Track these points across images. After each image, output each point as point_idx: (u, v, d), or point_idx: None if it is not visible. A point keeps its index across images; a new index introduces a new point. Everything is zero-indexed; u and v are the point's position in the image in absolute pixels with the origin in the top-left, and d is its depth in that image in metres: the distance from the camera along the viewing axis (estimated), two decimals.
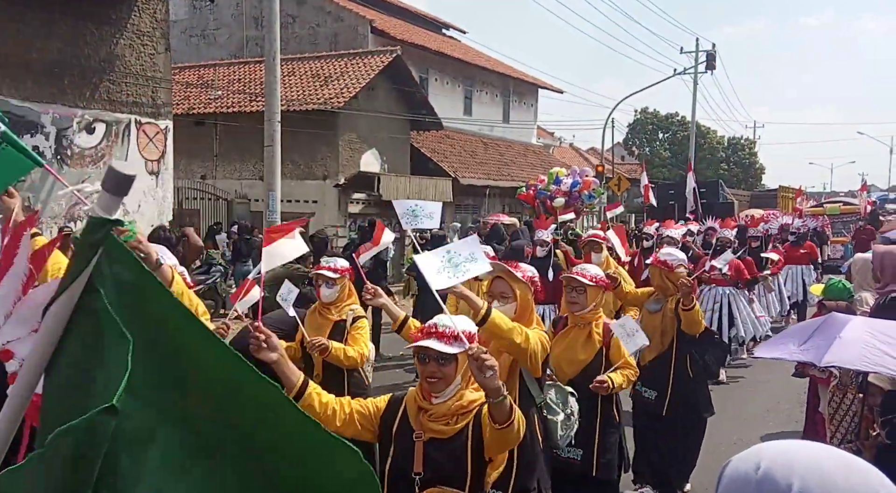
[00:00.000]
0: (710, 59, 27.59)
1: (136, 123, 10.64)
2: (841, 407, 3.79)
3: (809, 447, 0.89)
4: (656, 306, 4.62)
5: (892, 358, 2.70)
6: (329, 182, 16.17)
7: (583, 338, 3.70)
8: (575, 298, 3.70)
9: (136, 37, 10.57)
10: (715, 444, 5.61)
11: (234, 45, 20.96)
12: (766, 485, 0.84)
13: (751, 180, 44.62)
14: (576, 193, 12.87)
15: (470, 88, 23.48)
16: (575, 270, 3.84)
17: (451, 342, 2.18)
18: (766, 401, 7.12)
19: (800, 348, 3.09)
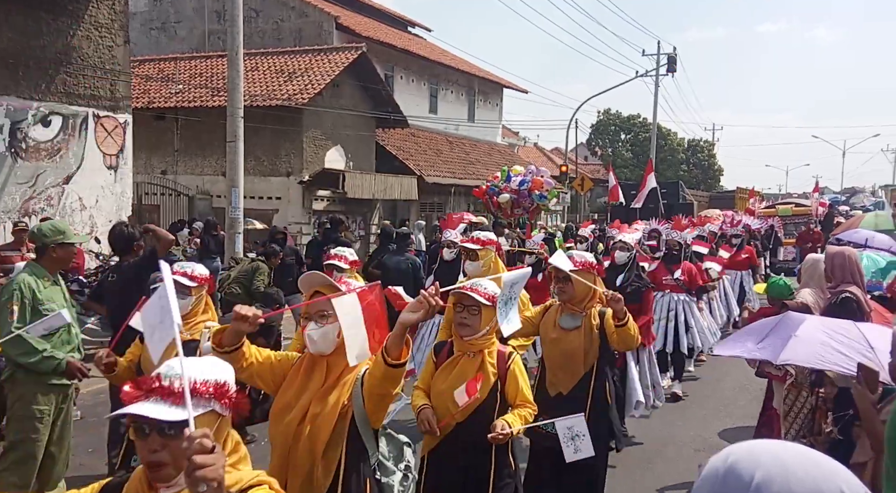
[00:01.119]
0: (671, 62, 28.14)
1: (94, 116, 10.41)
2: (796, 404, 3.88)
3: (776, 445, 0.95)
4: (573, 321, 3.72)
5: (845, 356, 2.79)
6: (293, 179, 16.04)
7: (473, 370, 2.94)
8: (466, 319, 2.94)
9: (94, 28, 10.34)
10: (674, 439, 5.81)
11: (196, 38, 20.61)
12: (730, 476, 0.91)
13: (709, 182, 45.64)
14: (524, 192, 12.67)
15: (435, 87, 23.53)
16: (469, 284, 3.03)
17: (180, 403, 1.44)
18: (724, 397, 7.26)
19: (757, 345, 3.16)
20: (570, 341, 3.69)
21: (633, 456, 5.37)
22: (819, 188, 19.09)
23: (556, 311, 3.81)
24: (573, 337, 3.69)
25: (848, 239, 7.05)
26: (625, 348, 3.94)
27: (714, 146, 48.23)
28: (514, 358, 3.01)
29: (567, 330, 3.71)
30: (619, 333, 3.62)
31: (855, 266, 3.94)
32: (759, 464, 0.90)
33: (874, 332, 2.96)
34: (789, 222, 17.07)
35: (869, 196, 33.17)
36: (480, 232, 4.62)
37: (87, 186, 10.30)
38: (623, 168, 40.28)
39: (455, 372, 2.97)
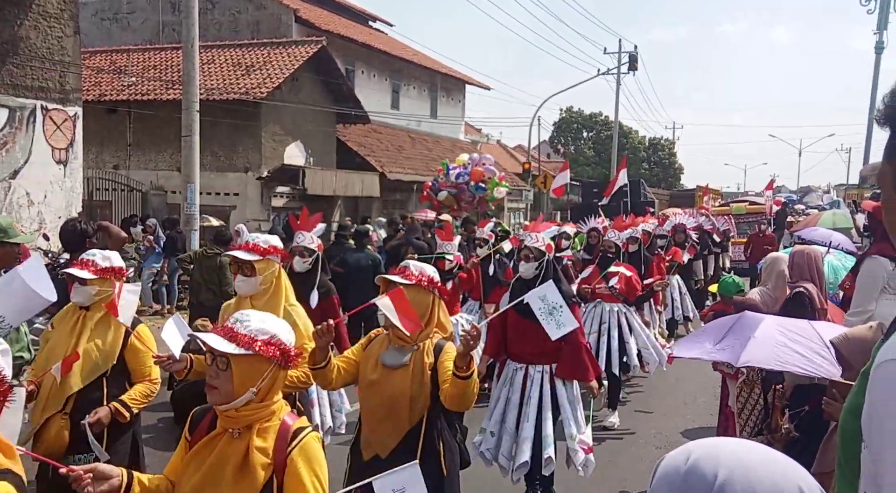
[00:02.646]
0: (632, 61, 28.51)
1: (43, 109, 10.06)
2: (749, 402, 3.93)
3: (735, 443, 0.95)
4: (400, 357, 2.79)
5: (802, 356, 2.83)
6: (251, 175, 15.79)
7: (236, 457, 1.88)
8: (212, 378, 1.87)
9: (42, 18, 9.98)
10: (636, 437, 5.85)
11: (150, 30, 20.10)
12: (692, 475, 0.90)
13: (670, 180, 46.44)
14: (462, 185, 12.36)
15: (397, 82, 23.42)
16: (217, 327, 2.08)
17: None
18: (684, 395, 7.27)
19: (716, 347, 3.19)
20: (394, 384, 2.73)
21: (596, 455, 5.36)
22: (773, 186, 18.63)
23: (381, 343, 2.88)
24: (398, 379, 2.74)
25: (809, 238, 7.05)
26: (455, 408, 2.73)
27: (675, 145, 49.10)
28: (303, 440, 1.89)
29: (391, 369, 2.76)
30: (454, 385, 2.57)
31: (814, 264, 3.97)
32: (720, 463, 0.90)
33: (829, 331, 3.00)
34: (743, 221, 16.57)
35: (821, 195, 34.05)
36: (259, 236, 3.41)
37: (36, 181, 9.95)
38: (585, 166, 40.80)
39: (210, 461, 1.89)
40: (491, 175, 12.19)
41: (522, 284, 4.23)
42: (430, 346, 2.83)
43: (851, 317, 3.82)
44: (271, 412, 1.92)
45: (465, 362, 2.55)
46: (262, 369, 1.88)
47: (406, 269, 2.85)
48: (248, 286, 3.28)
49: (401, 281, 2.77)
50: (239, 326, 1.88)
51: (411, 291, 2.76)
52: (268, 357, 1.87)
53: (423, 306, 2.82)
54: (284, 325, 1.99)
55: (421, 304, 2.80)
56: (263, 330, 1.89)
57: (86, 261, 3.18)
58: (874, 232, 4.58)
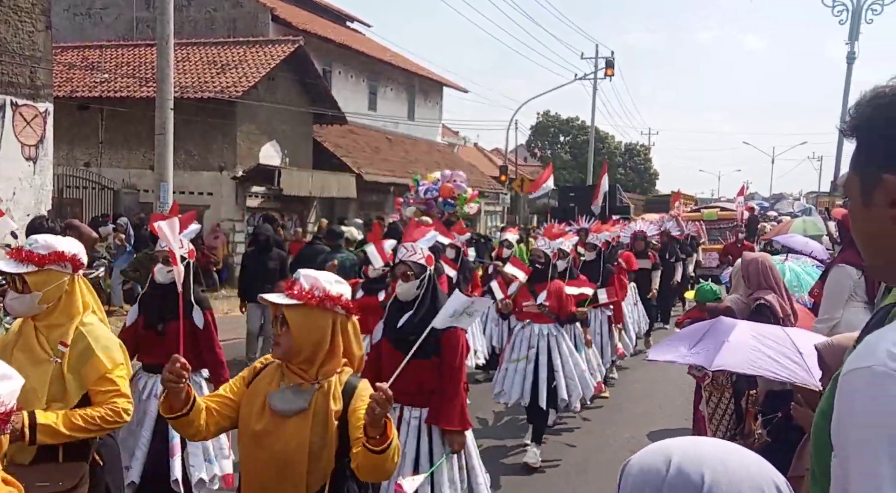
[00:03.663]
0: (608, 66, 28.78)
1: (13, 104, 9.86)
2: (719, 406, 3.94)
3: (714, 443, 0.95)
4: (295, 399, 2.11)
5: (775, 362, 2.84)
6: (226, 174, 15.63)
7: None
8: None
9: (12, 12, 9.79)
10: (608, 441, 5.82)
11: (123, 26, 19.80)
12: (678, 480, 0.88)
13: (645, 185, 46.94)
14: (431, 201, 12.33)
15: (375, 83, 23.38)
16: None
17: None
18: (658, 398, 7.25)
19: (690, 350, 3.18)
20: (288, 436, 2.06)
21: (567, 460, 5.38)
22: (744, 192, 18.29)
23: (270, 379, 2.17)
24: (293, 429, 2.06)
25: (785, 243, 7.04)
26: (369, 480, 2.17)
27: (650, 150, 49.68)
28: None
29: (283, 416, 2.08)
30: (365, 457, 1.99)
31: (769, 272, 3.93)
32: (704, 464, 0.89)
33: (802, 337, 3.02)
34: (714, 227, 16.33)
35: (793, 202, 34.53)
36: (39, 238, 2.60)
37: (5, 178, 9.76)
38: (562, 170, 41.06)
39: None
40: (461, 192, 12.13)
41: (398, 307, 3.43)
42: (337, 385, 2.13)
43: (819, 324, 3.87)
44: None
45: (377, 431, 1.92)
46: None
47: (294, 283, 2.14)
48: (21, 306, 2.49)
49: (282, 301, 2.08)
50: None
51: (298, 313, 2.07)
52: None
53: (318, 332, 2.08)
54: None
55: (314, 329, 2.08)
56: None
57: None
58: (843, 240, 4.64)
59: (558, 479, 4.97)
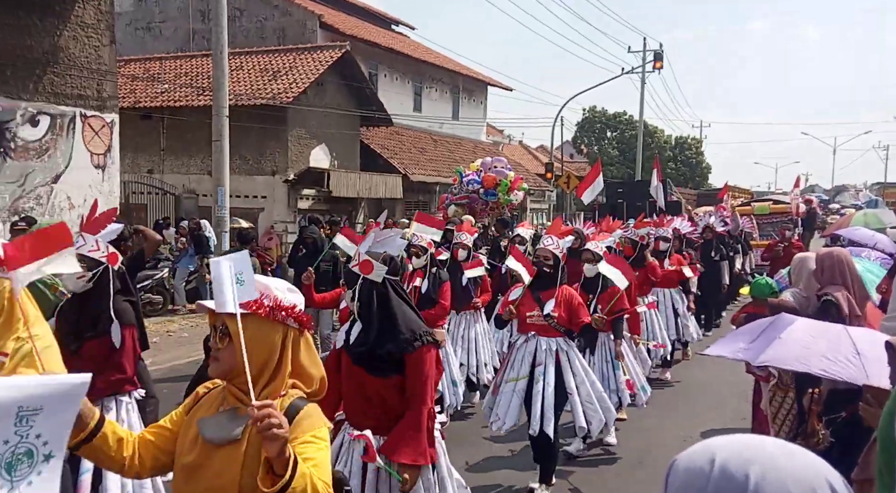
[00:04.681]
0: (657, 59, 28.29)
1: (82, 116, 10.55)
2: (783, 407, 3.88)
3: (761, 440, 0.91)
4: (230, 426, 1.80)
5: (829, 361, 2.69)
6: (278, 177, 16.23)
7: None
8: None
9: (80, 29, 10.48)
10: (663, 441, 5.64)
11: (180, 38, 20.71)
12: (722, 478, 0.85)
13: (697, 180, 45.82)
14: (474, 195, 12.17)
15: (419, 85, 23.75)
16: None
17: None
18: (714, 397, 7.05)
19: (744, 346, 3.10)
20: (217, 469, 1.76)
21: (619, 459, 5.28)
22: (800, 183, 17.01)
23: (213, 402, 1.90)
24: (223, 462, 1.76)
25: (849, 237, 6.70)
26: None
27: (702, 144, 48.51)
28: None
29: (215, 445, 1.78)
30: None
31: (846, 268, 3.76)
32: (749, 462, 0.86)
33: (865, 338, 2.84)
34: (766, 222, 15.24)
35: (854, 194, 33.04)
36: None
37: (76, 185, 10.44)
38: (609, 166, 40.59)
39: None
40: (503, 178, 12.04)
41: None
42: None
43: (887, 321, 3.60)
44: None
45: (280, 462, 1.57)
46: None
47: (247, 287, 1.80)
48: None
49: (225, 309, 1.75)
50: None
51: (248, 323, 1.74)
52: None
53: (266, 347, 1.79)
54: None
55: (261, 343, 1.77)
56: None
57: None
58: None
59: (608, 477, 4.92)
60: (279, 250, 15.71)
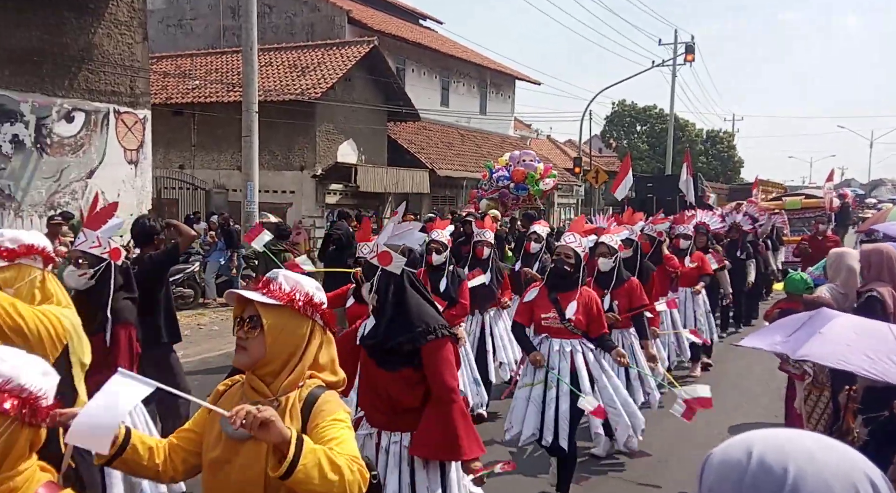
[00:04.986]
0: (688, 51, 27.85)
1: (115, 112, 10.74)
2: (818, 405, 3.82)
3: (798, 434, 0.89)
4: None
5: (870, 360, 2.62)
6: (306, 173, 16.35)
7: None
8: None
9: (113, 26, 10.67)
10: (693, 437, 5.54)
11: (211, 34, 20.96)
12: (761, 471, 0.84)
13: (729, 174, 45.14)
14: (504, 190, 12.17)
15: (447, 79, 23.71)
16: None
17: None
18: (745, 394, 6.94)
19: (782, 340, 3.04)
20: (242, 463, 1.77)
21: (646, 457, 5.21)
22: (833, 177, 16.22)
23: (234, 398, 1.90)
24: (247, 456, 1.77)
25: (886, 232, 6.54)
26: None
27: (734, 137, 47.72)
28: None
29: (238, 440, 1.77)
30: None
31: (893, 263, 3.70)
32: (789, 456, 0.84)
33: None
34: (797, 217, 14.75)
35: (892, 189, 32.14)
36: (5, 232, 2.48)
37: (109, 180, 10.64)
38: (639, 160, 40.13)
39: None
40: (532, 170, 12.03)
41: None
42: (296, 401, 1.80)
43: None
44: (9, 489, 1.41)
45: (284, 445, 1.57)
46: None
47: (271, 281, 1.86)
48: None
49: (262, 299, 1.80)
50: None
51: (277, 315, 1.80)
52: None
53: (294, 340, 1.82)
54: (33, 364, 1.47)
55: (292, 335, 1.81)
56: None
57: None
58: None
59: (637, 473, 4.87)
60: (307, 244, 15.83)
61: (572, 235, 4.33)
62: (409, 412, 2.75)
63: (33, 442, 1.44)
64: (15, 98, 9.37)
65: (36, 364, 1.47)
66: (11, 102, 9.33)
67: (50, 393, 1.45)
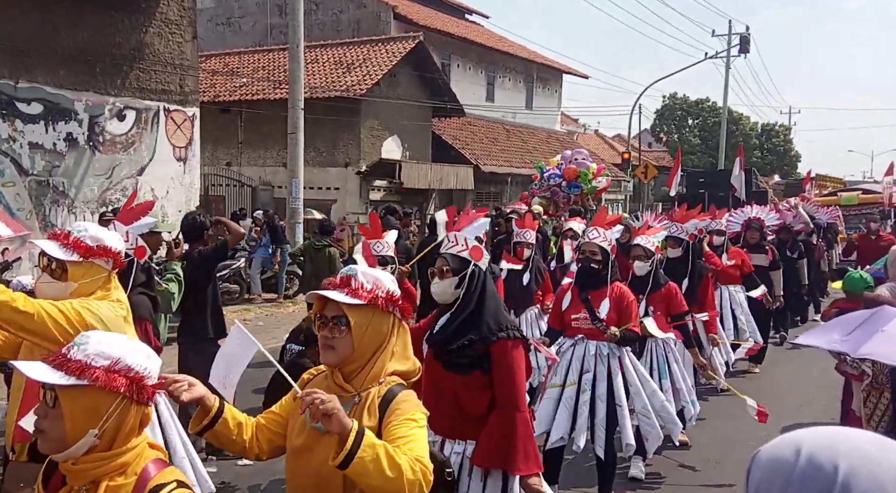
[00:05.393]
0: (743, 43, 27.11)
1: (165, 110, 10.92)
2: (878, 407, 3.69)
3: (849, 431, 0.86)
4: None
5: None
6: (351, 169, 16.40)
7: None
8: (41, 420, 1.55)
9: (164, 25, 10.83)
10: (745, 439, 5.41)
11: (259, 32, 21.24)
12: (810, 470, 0.80)
13: (786, 168, 43.76)
14: (555, 188, 12.11)
15: (492, 74, 23.48)
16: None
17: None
18: (799, 396, 6.76)
19: (841, 338, 2.94)
20: (323, 455, 1.76)
21: (701, 454, 5.14)
22: (892, 170, 15.23)
23: (318, 387, 1.89)
24: (330, 446, 1.71)
25: None
26: None
27: (790, 131, 46.23)
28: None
29: (319, 432, 1.81)
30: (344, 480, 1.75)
31: None
32: (839, 454, 0.81)
33: None
34: (854, 213, 14.01)
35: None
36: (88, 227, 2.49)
37: (159, 177, 10.83)
38: (690, 155, 39.17)
39: None
40: (584, 168, 11.91)
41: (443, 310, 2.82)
42: (375, 397, 1.86)
43: None
44: (122, 464, 1.50)
45: (343, 436, 1.61)
46: (104, 404, 1.45)
47: (351, 279, 1.87)
48: (51, 290, 2.38)
49: (347, 300, 1.83)
50: (74, 349, 1.47)
51: (362, 314, 1.84)
52: (110, 389, 1.44)
53: (379, 336, 1.88)
54: (137, 347, 1.56)
55: (377, 332, 1.87)
56: (104, 354, 1.46)
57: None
58: None
59: (689, 475, 4.82)
60: (350, 241, 15.90)
61: (596, 231, 4.07)
62: (475, 419, 2.66)
63: (142, 420, 1.53)
64: (69, 97, 9.60)
65: (140, 348, 1.57)
66: (66, 100, 9.56)
67: (154, 374, 1.54)
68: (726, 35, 28.37)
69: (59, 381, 1.42)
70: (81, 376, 1.43)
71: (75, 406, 1.44)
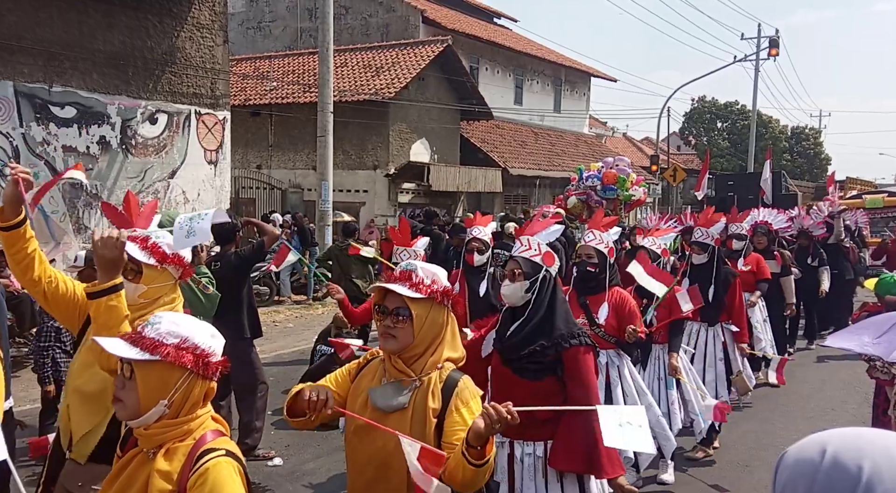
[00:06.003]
0: (772, 46, 26.68)
1: (196, 113, 10.99)
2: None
3: (875, 432, 0.86)
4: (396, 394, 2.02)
5: None
6: (379, 172, 16.37)
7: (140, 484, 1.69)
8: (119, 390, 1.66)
9: (195, 29, 10.91)
10: (775, 442, 5.41)
11: (289, 36, 21.37)
12: (835, 470, 0.81)
13: (815, 171, 43.06)
14: (590, 191, 12.03)
15: (521, 78, 23.34)
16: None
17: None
18: (828, 400, 6.71)
19: (872, 340, 2.75)
20: (387, 435, 1.91)
21: (730, 457, 5.11)
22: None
23: (374, 373, 2.11)
24: (394, 426, 1.91)
25: None
26: (456, 488, 1.88)
27: (820, 134, 45.46)
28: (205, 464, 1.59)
29: (384, 412, 1.98)
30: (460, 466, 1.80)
31: None
32: (864, 454, 0.81)
33: None
34: (880, 216, 13.82)
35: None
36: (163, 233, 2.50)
37: (190, 180, 10.90)
38: (719, 158, 38.60)
39: (119, 485, 1.69)
40: (623, 175, 11.82)
41: (511, 314, 2.81)
42: (437, 382, 2.00)
43: None
44: (186, 431, 1.63)
45: (481, 441, 1.77)
46: (173, 378, 1.59)
47: (412, 274, 2.01)
48: None
49: (410, 294, 1.97)
50: (148, 328, 1.62)
51: (422, 307, 1.99)
52: (179, 364, 1.59)
53: (436, 327, 2.04)
54: (203, 327, 1.68)
55: (435, 324, 2.03)
56: (174, 332, 1.61)
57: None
58: None
59: (717, 479, 4.76)
60: (379, 243, 15.86)
61: (592, 233, 3.87)
62: (544, 422, 2.66)
63: (206, 393, 1.67)
64: (102, 100, 9.69)
65: (205, 328, 1.69)
66: (99, 104, 9.66)
67: (218, 351, 1.68)
68: (755, 38, 27.91)
69: (135, 356, 1.58)
70: (154, 352, 1.58)
71: (148, 379, 1.59)
